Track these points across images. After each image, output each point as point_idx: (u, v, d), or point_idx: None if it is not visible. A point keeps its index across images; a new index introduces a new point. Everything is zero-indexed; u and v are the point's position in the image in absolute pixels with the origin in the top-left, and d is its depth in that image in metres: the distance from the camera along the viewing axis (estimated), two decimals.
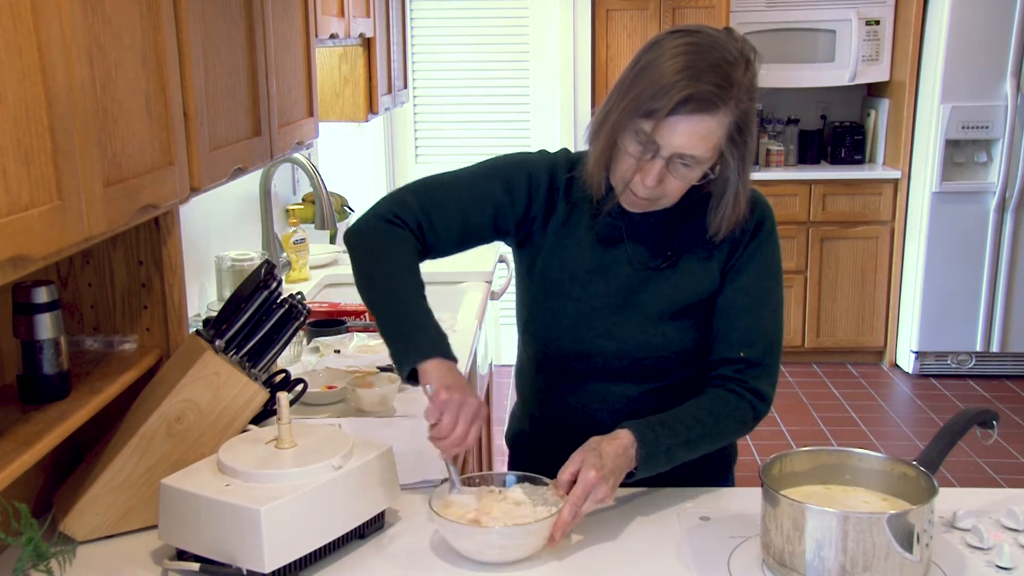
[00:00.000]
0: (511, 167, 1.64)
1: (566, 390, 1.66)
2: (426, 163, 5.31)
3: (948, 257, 4.95)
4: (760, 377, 1.57)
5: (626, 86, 1.47)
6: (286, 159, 2.68)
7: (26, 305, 1.41)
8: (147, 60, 1.40)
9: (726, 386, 1.56)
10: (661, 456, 1.47)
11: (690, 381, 1.60)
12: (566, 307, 1.61)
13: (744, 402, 1.56)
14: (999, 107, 4.75)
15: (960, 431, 1.44)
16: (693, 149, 1.43)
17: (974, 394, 4.90)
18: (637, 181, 1.48)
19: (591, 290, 1.60)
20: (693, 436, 1.51)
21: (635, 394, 1.61)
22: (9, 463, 1.23)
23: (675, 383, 1.61)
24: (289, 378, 1.75)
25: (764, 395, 1.57)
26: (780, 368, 1.61)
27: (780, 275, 1.62)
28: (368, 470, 1.44)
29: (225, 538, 1.31)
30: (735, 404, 1.55)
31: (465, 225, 1.62)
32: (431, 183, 1.65)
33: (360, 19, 3.10)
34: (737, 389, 1.56)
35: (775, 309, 1.60)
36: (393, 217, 1.60)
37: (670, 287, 1.58)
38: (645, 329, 1.58)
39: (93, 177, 1.20)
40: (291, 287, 2.80)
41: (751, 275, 1.58)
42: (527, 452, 1.77)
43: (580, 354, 1.62)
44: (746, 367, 1.56)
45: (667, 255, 1.59)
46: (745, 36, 1.49)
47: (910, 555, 1.25)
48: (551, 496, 1.45)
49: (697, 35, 1.45)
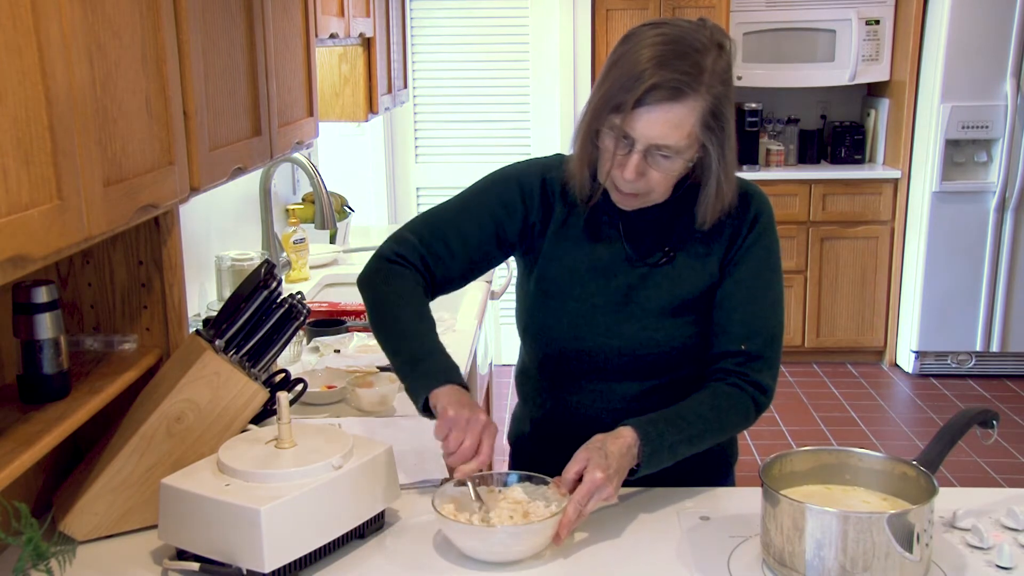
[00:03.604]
0: (501, 182, 1.65)
1: (568, 390, 1.66)
2: (426, 163, 5.31)
3: (948, 257, 4.95)
4: (761, 370, 1.57)
5: (599, 82, 1.49)
6: (286, 159, 2.68)
7: (26, 305, 1.41)
8: (147, 60, 1.40)
9: (728, 380, 1.56)
10: (664, 453, 1.47)
11: (691, 378, 1.60)
12: (567, 307, 1.61)
13: (746, 395, 1.56)
14: (999, 107, 4.75)
15: (960, 431, 1.44)
16: (666, 139, 1.43)
17: (974, 394, 4.90)
18: (618, 176, 1.48)
19: (591, 289, 1.60)
20: (696, 432, 1.51)
21: (636, 392, 1.62)
22: (9, 463, 1.23)
23: (676, 380, 1.61)
24: (289, 378, 1.75)
25: (766, 388, 1.58)
26: (780, 361, 1.61)
27: (779, 268, 1.62)
28: (368, 470, 1.44)
29: (225, 538, 1.31)
30: (737, 398, 1.56)
31: (468, 249, 1.64)
32: (428, 216, 1.67)
33: (360, 19, 3.10)
34: (739, 383, 1.56)
35: (774, 302, 1.61)
36: (395, 256, 1.63)
37: (668, 283, 1.59)
38: (645, 326, 1.58)
39: (93, 177, 1.20)
40: (291, 287, 2.80)
41: (749, 268, 1.58)
42: (527, 454, 1.77)
43: (581, 353, 1.62)
44: (747, 360, 1.56)
45: (665, 251, 1.59)
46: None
47: (910, 555, 1.26)
48: (551, 495, 1.45)
49: (666, 26, 1.46)
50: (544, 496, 1.46)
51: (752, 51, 5.15)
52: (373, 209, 5.08)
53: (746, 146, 5.19)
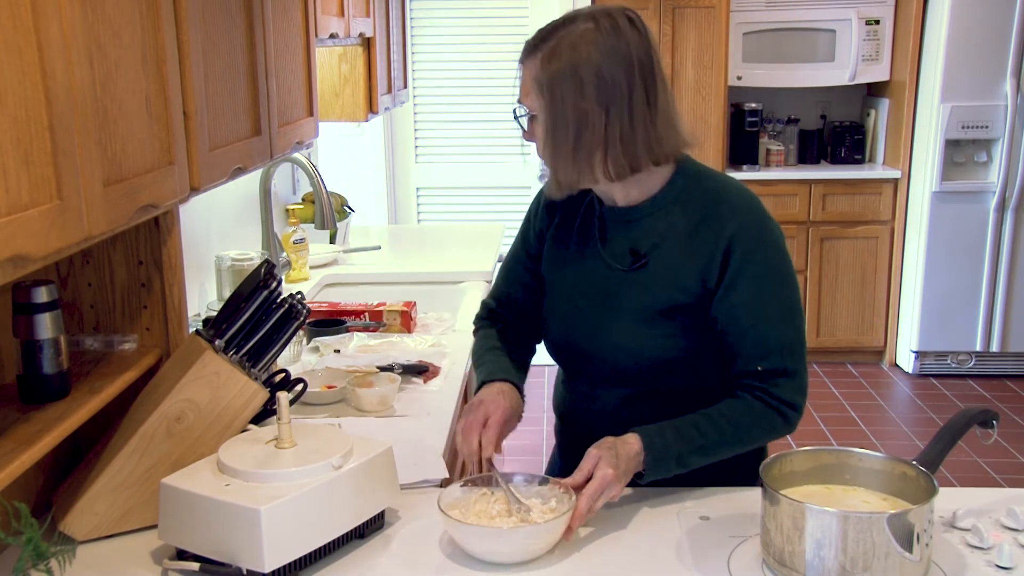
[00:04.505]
0: (524, 219, 1.78)
1: (568, 387, 1.71)
2: (426, 163, 5.31)
3: (948, 257, 4.94)
4: (783, 385, 1.52)
5: None
6: (286, 159, 2.68)
7: (26, 305, 1.41)
8: (147, 60, 1.40)
9: (752, 394, 1.53)
10: (671, 463, 1.48)
11: (683, 390, 1.57)
12: (558, 306, 1.65)
13: (771, 410, 1.53)
14: (999, 107, 4.75)
15: (960, 431, 1.44)
16: (524, 98, 1.54)
17: (974, 394, 4.90)
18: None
19: (577, 291, 1.62)
20: (709, 443, 1.50)
21: (618, 399, 1.60)
22: (9, 463, 1.23)
23: (660, 390, 1.57)
24: (289, 378, 1.75)
25: (792, 403, 1.53)
26: (806, 367, 1.56)
27: (785, 276, 1.55)
28: (368, 470, 1.44)
29: (225, 538, 1.31)
30: (760, 411, 1.53)
31: (519, 283, 1.76)
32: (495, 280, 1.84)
33: (360, 19, 3.10)
34: (763, 398, 1.53)
35: (784, 314, 1.54)
36: (477, 322, 1.83)
37: (640, 291, 1.56)
38: (622, 332, 1.57)
39: (93, 177, 1.20)
40: (291, 287, 2.80)
41: (747, 287, 1.51)
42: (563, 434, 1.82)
43: (566, 352, 1.66)
44: (767, 377, 1.52)
45: (639, 256, 1.57)
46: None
47: (910, 555, 1.26)
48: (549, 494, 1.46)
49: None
50: (542, 495, 1.46)
51: (752, 51, 5.15)
52: (373, 209, 5.08)
53: (746, 146, 5.20)
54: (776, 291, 1.54)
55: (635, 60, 1.46)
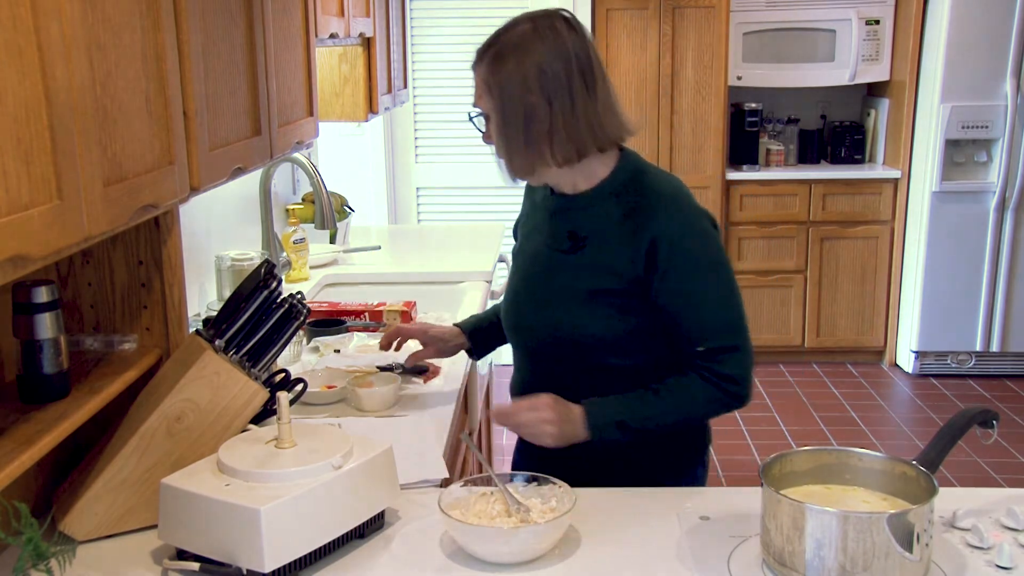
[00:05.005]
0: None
1: (518, 367, 1.83)
2: (426, 163, 5.31)
3: (948, 257, 4.94)
4: (724, 360, 1.62)
5: None
6: (286, 159, 2.68)
7: (26, 305, 1.41)
8: (147, 60, 1.40)
9: (698, 372, 1.63)
10: (612, 427, 1.61)
11: (626, 368, 1.66)
12: (510, 285, 1.82)
13: (711, 386, 1.62)
14: (999, 107, 4.75)
15: (960, 431, 1.44)
16: (478, 101, 1.67)
17: (974, 394, 4.90)
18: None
19: (524, 271, 1.76)
20: (653, 413, 1.62)
21: (566, 377, 1.69)
22: (9, 463, 1.23)
23: (604, 367, 1.67)
24: (289, 378, 1.75)
25: (734, 377, 1.63)
26: (750, 345, 1.64)
27: (711, 262, 1.64)
28: (368, 470, 1.44)
29: (225, 538, 1.31)
30: (702, 386, 1.63)
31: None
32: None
33: (360, 19, 3.10)
34: (706, 375, 1.62)
35: (719, 299, 1.64)
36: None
37: (574, 272, 1.66)
38: (562, 311, 1.67)
39: (93, 177, 1.20)
40: (291, 287, 2.80)
41: (678, 277, 1.61)
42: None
43: (512, 329, 1.79)
44: (710, 355, 1.62)
45: (576, 238, 1.67)
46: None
47: (910, 555, 1.26)
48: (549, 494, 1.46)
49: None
50: (541, 495, 1.47)
51: (752, 51, 5.15)
52: (373, 209, 5.08)
53: (746, 146, 5.20)
54: (710, 278, 1.64)
55: (572, 55, 1.59)
